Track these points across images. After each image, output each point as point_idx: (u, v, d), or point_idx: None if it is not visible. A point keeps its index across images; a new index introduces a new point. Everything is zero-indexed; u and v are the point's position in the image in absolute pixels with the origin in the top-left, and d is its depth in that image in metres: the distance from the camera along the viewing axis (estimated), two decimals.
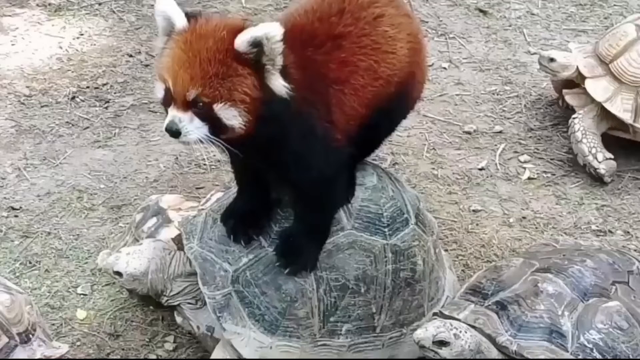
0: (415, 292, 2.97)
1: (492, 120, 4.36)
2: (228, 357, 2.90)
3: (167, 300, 3.03)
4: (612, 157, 3.98)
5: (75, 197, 3.82)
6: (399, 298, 2.94)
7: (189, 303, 3.01)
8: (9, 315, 2.79)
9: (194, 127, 2.40)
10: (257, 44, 2.37)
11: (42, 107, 4.35)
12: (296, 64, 2.48)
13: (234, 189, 2.96)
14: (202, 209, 3.10)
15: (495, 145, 4.20)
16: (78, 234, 3.63)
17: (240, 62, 2.38)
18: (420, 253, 2.97)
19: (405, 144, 4.16)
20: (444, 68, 4.71)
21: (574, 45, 4.31)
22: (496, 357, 2.75)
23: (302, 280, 2.83)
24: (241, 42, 2.37)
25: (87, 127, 4.22)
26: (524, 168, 4.05)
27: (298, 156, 2.60)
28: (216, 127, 2.40)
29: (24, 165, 3.98)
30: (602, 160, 3.97)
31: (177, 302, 3.02)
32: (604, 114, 4.05)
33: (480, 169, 4.06)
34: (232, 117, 2.38)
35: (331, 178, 2.71)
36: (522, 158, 4.11)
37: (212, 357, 2.96)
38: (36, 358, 2.79)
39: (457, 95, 4.52)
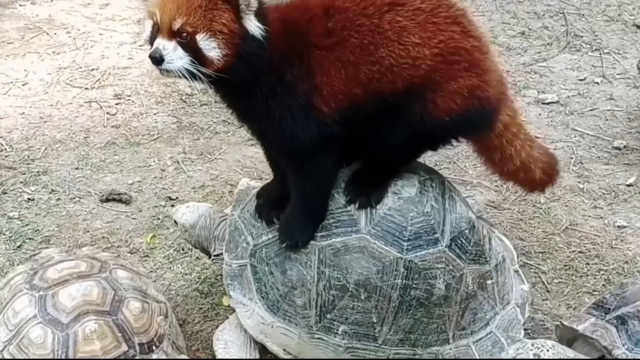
0: (433, 315, 2.86)
1: None
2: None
3: (213, 259, 3.21)
4: None
5: (227, 190, 3.99)
6: (408, 316, 2.84)
7: None
8: (136, 324, 2.82)
9: (176, 56, 2.58)
10: None
11: (201, 105, 4.58)
12: (277, 20, 2.67)
13: None
14: None
15: None
16: None
17: None
18: (444, 277, 2.83)
19: None
20: (597, 83, 4.65)
21: None
22: None
23: (305, 270, 2.85)
24: None
25: (242, 126, 4.37)
26: None
27: (272, 111, 2.70)
28: (197, 59, 2.58)
29: (182, 158, 4.20)
30: None
31: (219, 264, 3.14)
32: None
33: (629, 185, 4.00)
34: (212, 48, 2.57)
35: (309, 150, 2.73)
36: None
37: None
38: None
39: (608, 110, 4.46)
